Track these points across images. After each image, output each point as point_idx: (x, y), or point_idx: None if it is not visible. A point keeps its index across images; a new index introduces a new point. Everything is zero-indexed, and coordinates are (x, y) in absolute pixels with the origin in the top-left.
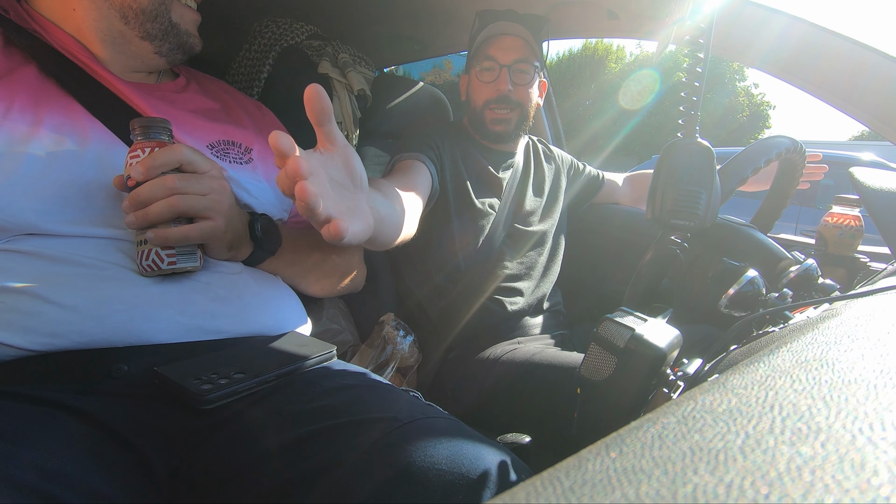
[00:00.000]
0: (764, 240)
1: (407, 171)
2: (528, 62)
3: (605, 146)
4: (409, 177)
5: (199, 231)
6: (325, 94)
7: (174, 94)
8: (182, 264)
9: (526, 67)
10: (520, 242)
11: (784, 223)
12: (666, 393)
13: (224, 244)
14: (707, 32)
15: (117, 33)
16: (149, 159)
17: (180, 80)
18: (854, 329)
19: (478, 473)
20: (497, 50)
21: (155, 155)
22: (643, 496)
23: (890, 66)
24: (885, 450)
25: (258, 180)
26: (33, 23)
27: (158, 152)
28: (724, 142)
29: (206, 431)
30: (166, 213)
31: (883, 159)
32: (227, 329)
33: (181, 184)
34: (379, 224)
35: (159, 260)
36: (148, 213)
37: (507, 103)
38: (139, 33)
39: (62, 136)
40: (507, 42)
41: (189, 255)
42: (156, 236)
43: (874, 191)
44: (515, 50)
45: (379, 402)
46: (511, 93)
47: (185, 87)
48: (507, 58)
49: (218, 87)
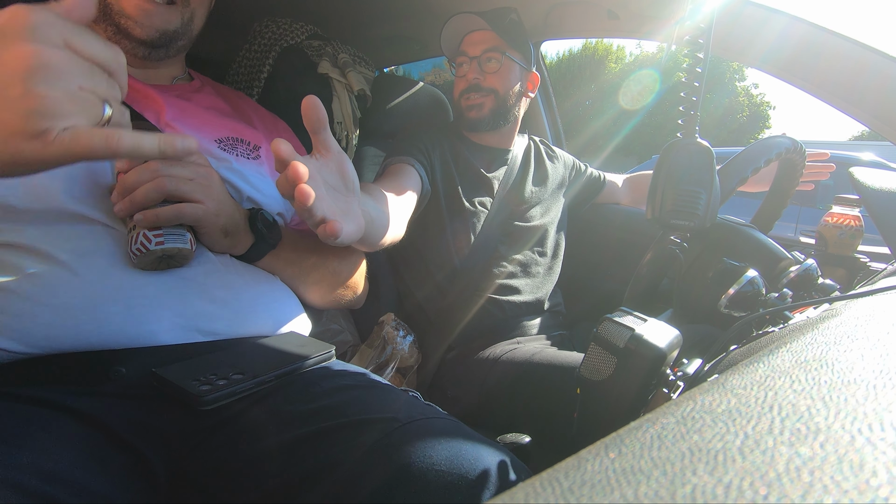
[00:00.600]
0: (764, 240)
1: (396, 174)
2: (497, 51)
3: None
4: (398, 180)
5: (189, 210)
6: (320, 105)
7: (190, 92)
8: (171, 244)
9: (495, 55)
10: (519, 241)
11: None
12: (665, 393)
13: (217, 229)
14: (707, 32)
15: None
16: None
17: (195, 83)
18: (854, 329)
19: (477, 473)
20: (467, 45)
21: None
22: (642, 497)
23: (890, 66)
24: (884, 451)
25: (264, 176)
26: None
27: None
28: (724, 142)
29: (205, 432)
30: (153, 194)
31: (883, 159)
32: (224, 331)
33: (166, 168)
34: (369, 225)
35: (147, 241)
36: (135, 196)
37: (477, 91)
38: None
39: None
40: (475, 36)
41: (178, 236)
42: (144, 217)
43: (874, 191)
44: (483, 42)
45: (378, 403)
46: (480, 80)
47: (201, 89)
48: (475, 50)
49: (233, 94)
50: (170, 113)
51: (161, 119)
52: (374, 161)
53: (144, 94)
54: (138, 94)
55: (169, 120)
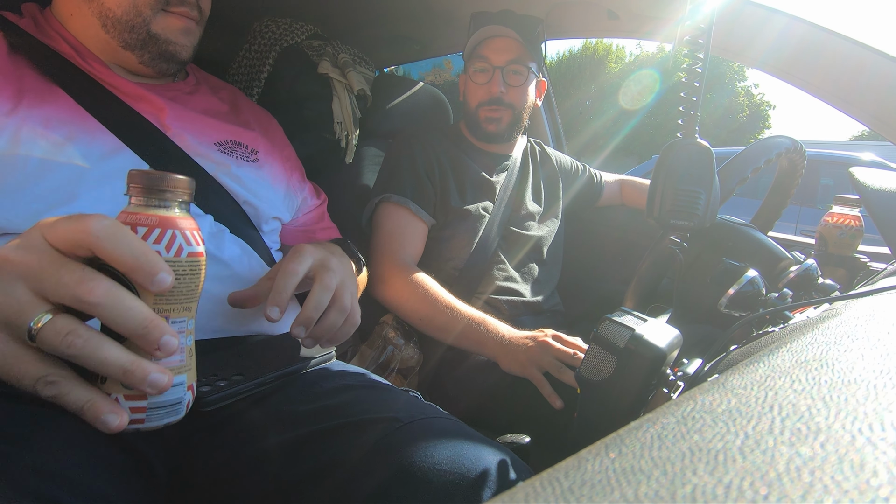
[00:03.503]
0: (764, 240)
1: (404, 231)
2: (521, 63)
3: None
4: (405, 239)
5: (356, 320)
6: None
7: (185, 94)
8: (153, 423)
9: (519, 68)
10: (516, 245)
11: (784, 223)
12: (666, 393)
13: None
14: (707, 32)
15: (104, 41)
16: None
17: (191, 80)
18: (854, 329)
19: (478, 473)
20: (490, 51)
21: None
22: (642, 497)
23: (890, 66)
24: (884, 450)
25: (263, 179)
26: (49, 28)
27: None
28: (724, 142)
29: (205, 432)
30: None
31: (883, 159)
32: (224, 328)
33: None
34: None
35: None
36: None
37: (499, 104)
38: (119, 42)
39: (63, 137)
40: (499, 43)
41: (168, 408)
42: (330, 340)
43: (874, 191)
44: (508, 51)
45: (379, 403)
46: (503, 94)
47: (196, 88)
48: (499, 59)
49: (227, 91)
50: (170, 115)
51: (161, 121)
52: (374, 161)
53: (142, 95)
54: (137, 95)
55: (168, 122)
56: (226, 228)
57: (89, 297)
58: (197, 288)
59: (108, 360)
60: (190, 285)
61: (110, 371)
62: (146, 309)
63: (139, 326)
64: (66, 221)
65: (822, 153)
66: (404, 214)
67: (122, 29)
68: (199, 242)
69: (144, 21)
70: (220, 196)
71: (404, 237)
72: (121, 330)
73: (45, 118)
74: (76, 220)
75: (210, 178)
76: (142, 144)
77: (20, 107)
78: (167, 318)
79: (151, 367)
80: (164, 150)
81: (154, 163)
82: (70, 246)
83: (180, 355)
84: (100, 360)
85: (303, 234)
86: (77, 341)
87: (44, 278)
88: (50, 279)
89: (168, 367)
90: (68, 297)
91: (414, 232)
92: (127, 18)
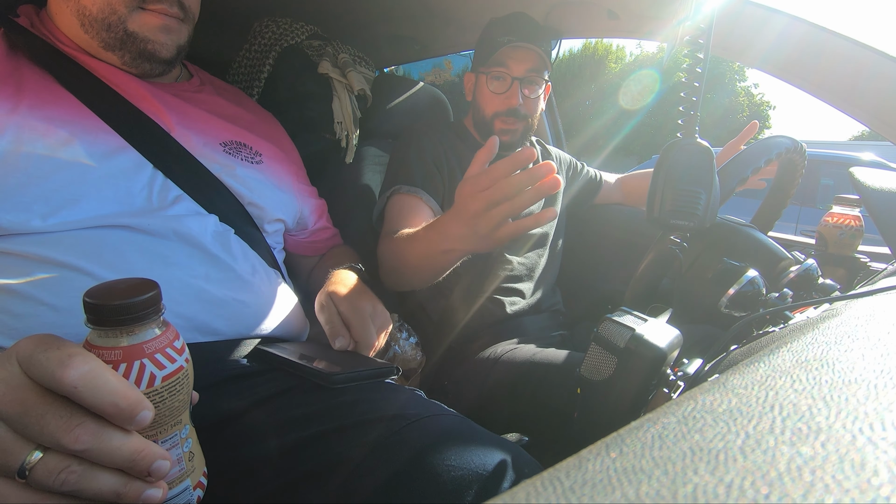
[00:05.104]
0: (764, 240)
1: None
2: (538, 73)
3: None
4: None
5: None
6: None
7: (190, 94)
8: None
9: (536, 78)
10: (518, 243)
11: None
12: (666, 393)
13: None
14: (707, 32)
15: (86, 42)
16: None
17: (195, 81)
18: (854, 329)
19: (488, 468)
20: (510, 59)
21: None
22: (643, 496)
23: (890, 66)
24: (885, 450)
25: (266, 181)
26: (42, 27)
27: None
28: (724, 142)
29: (208, 432)
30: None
31: (883, 159)
32: (224, 330)
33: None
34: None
35: None
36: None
37: (516, 116)
38: (99, 42)
39: (67, 134)
40: (521, 53)
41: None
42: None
43: (874, 191)
44: (528, 61)
45: (384, 401)
46: (521, 106)
47: (201, 89)
48: (519, 69)
49: (232, 92)
50: (175, 115)
51: (165, 120)
52: (374, 161)
53: (146, 94)
54: (140, 94)
55: (173, 122)
56: (231, 229)
57: (75, 445)
58: (184, 402)
59: (102, 490)
60: (173, 405)
61: (105, 498)
62: (133, 442)
63: (127, 461)
64: (44, 357)
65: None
66: (415, 202)
67: (100, 28)
68: (173, 359)
69: (120, 19)
70: (225, 197)
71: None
72: (110, 466)
73: (48, 117)
74: (55, 362)
75: (215, 180)
76: (146, 143)
77: (21, 106)
78: (157, 440)
79: (144, 486)
80: (167, 150)
81: (158, 162)
82: (49, 386)
83: (178, 465)
84: (95, 491)
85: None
86: (70, 478)
87: (27, 423)
88: (34, 426)
89: (168, 480)
90: (54, 445)
91: (419, 216)
92: (103, 17)
